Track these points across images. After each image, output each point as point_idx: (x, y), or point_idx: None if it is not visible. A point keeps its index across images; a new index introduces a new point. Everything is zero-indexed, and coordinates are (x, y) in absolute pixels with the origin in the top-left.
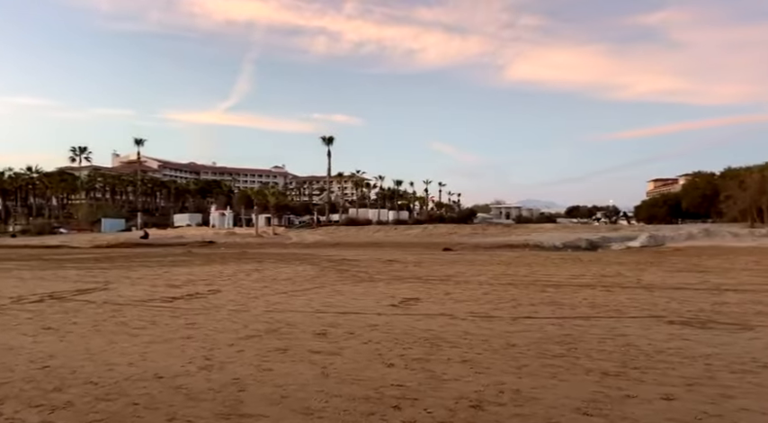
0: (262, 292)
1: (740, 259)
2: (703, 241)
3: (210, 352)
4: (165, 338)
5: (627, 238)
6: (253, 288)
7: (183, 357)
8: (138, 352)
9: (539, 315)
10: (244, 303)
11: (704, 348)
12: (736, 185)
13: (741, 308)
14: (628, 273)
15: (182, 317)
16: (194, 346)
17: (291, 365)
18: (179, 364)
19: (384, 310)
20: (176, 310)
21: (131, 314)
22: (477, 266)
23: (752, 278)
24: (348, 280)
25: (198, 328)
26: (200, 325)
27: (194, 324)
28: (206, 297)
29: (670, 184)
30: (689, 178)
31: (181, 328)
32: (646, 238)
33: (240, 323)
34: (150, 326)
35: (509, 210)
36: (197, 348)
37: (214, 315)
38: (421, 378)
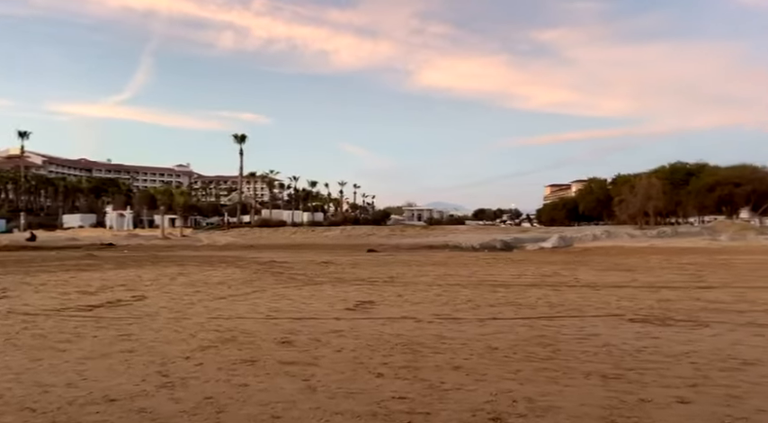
0: (197, 298)
1: (652, 258)
2: (606, 242)
3: (164, 367)
4: (102, 353)
5: (538, 240)
6: (184, 293)
7: (132, 375)
8: (73, 370)
9: (503, 316)
10: (180, 310)
11: (678, 346)
12: (628, 191)
13: (684, 305)
14: (563, 272)
15: (110, 327)
16: (141, 360)
17: (268, 379)
18: (131, 383)
19: (341, 314)
20: (101, 320)
21: (47, 326)
22: (415, 267)
23: (674, 276)
24: (288, 283)
25: (137, 340)
26: (138, 336)
27: (130, 335)
28: (132, 304)
29: (564, 189)
30: (584, 184)
31: (116, 341)
32: (556, 239)
33: (185, 332)
34: (76, 339)
35: (421, 212)
36: (145, 363)
37: (149, 324)
38: (419, 388)
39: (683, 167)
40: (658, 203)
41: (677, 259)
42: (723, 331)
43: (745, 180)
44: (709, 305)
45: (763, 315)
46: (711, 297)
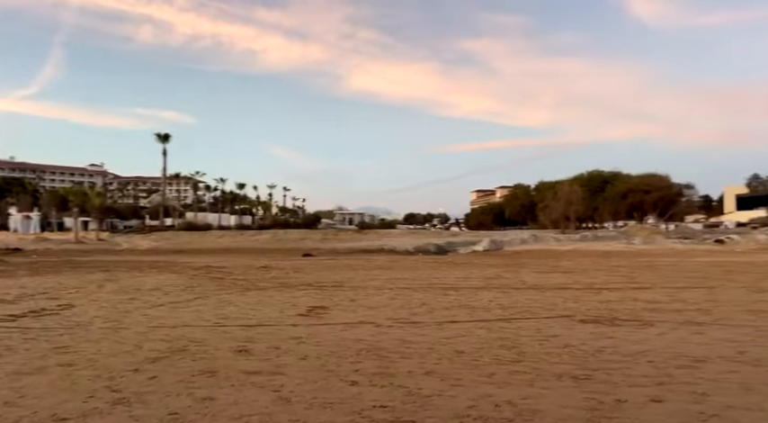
0: (132, 306)
1: (583, 261)
2: (534, 245)
3: (113, 381)
4: (36, 367)
5: (470, 243)
6: (117, 301)
7: (78, 391)
8: (8, 387)
9: (460, 319)
10: (116, 320)
11: (633, 346)
12: (551, 197)
13: (625, 305)
14: (506, 275)
15: (40, 339)
16: (85, 375)
17: (234, 391)
18: (78, 400)
19: (295, 320)
20: (27, 331)
21: None
22: (361, 271)
23: (608, 277)
24: (231, 289)
25: (75, 353)
26: (75, 348)
27: (66, 347)
28: (59, 314)
29: (489, 194)
30: (510, 190)
31: (51, 354)
32: (488, 243)
33: (128, 343)
34: (5, 352)
35: (352, 216)
36: (91, 378)
37: (84, 335)
38: (399, 396)
39: (599, 175)
40: (578, 209)
41: (606, 262)
42: (667, 330)
43: (654, 188)
44: (648, 305)
45: (698, 314)
46: (648, 297)
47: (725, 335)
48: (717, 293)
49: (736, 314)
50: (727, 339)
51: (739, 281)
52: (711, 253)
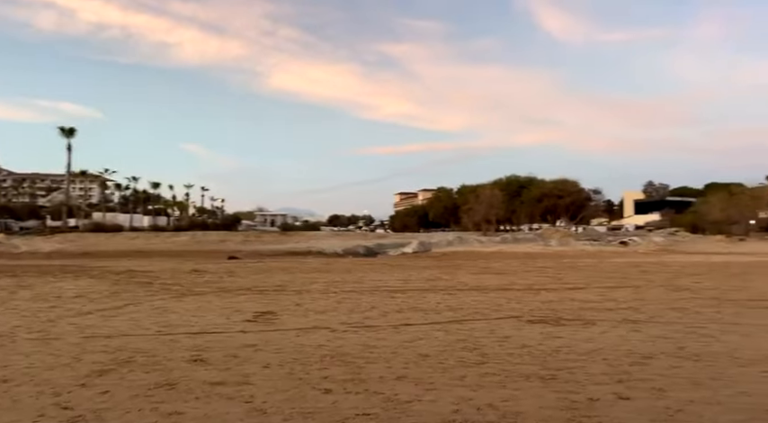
0: (55, 314)
1: (512, 262)
2: (459, 247)
3: (60, 398)
4: None
5: (399, 245)
6: (37, 310)
7: (24, 410)
8: None
9: (414, 322)
10: (42, 330)
11: (584, 344)
12: (474, 200)
13: (565, 305)
14: (444, 276)
15: None
16: (26, 391)
17: (202, 404)
18: (27, 420)
19: (244, 326)
20: None
21: None
22: (299, 274)
23: (541, 278)
24: (163, 294)
25: (6, 367)
26: (5, 362)
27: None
28: None
29: (412, 197)
30: (433, 193)
31: None
32: (416, 245)
33: (65, 355)
34: None
35: (273, 217)
36: (33, 394)
37: (12, 347)
38: (377, 402)
39: (516, 180)
40: (499, 212)
41: (532, 263)
42: (608, 328)
43: (566, 193)
44: (584, 305)
45: (631, 312)
46: (582, 297)
47: (660, 332)
48: (641, 293)
49: (664, 312)
50: (663, 336)
51: (655, 280)
52: (620, 254)
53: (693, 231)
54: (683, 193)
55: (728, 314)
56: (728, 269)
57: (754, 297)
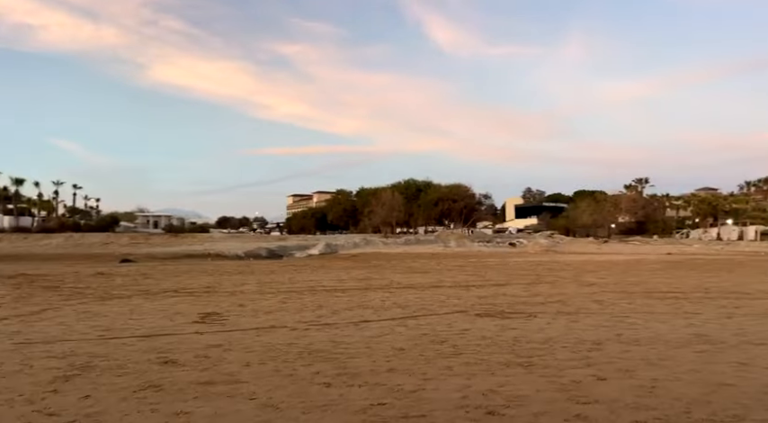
0: None
1: (429, 262)
2: (366, 249)
3: (37, 405)
4: None
5: (304, 247)
6: None
7: (4, 418)
8: None
9: (370, 319)
10: None
11: (536, 334)
12: (376, 202)
13: (499, 299)
14: (374, 276)
15: None
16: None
17: (204, 403)
18: None
19: (196, 328)
20: None
21: None
22: (224, 276)
23: (464, 276)
24: (80, 298)
25: None
26: None
27: None
28: None
29: (306, 199)
30: (332, 195)
31: None
32: (323, 247)
33: (8, 362)
34: None
35: (157, 218)
36: (3, 403)
37: None
38: (383, 393)
39: (414, 184)
40: (399, 215)
41: (447, 262)
42: (550, 320)
43: (460, 197)
44: (516, 299)
45: (560, 305)
46: (510, 292)
47: (594, 321)
48: (558, 288)
49: (587, 304)
50: (598, 325)
51: (564, 276)
52: (516, 254)
53: (566, 234)
54: (556, 200)
55: (639, 305)
56: (616, 267)
57: (651, 290)
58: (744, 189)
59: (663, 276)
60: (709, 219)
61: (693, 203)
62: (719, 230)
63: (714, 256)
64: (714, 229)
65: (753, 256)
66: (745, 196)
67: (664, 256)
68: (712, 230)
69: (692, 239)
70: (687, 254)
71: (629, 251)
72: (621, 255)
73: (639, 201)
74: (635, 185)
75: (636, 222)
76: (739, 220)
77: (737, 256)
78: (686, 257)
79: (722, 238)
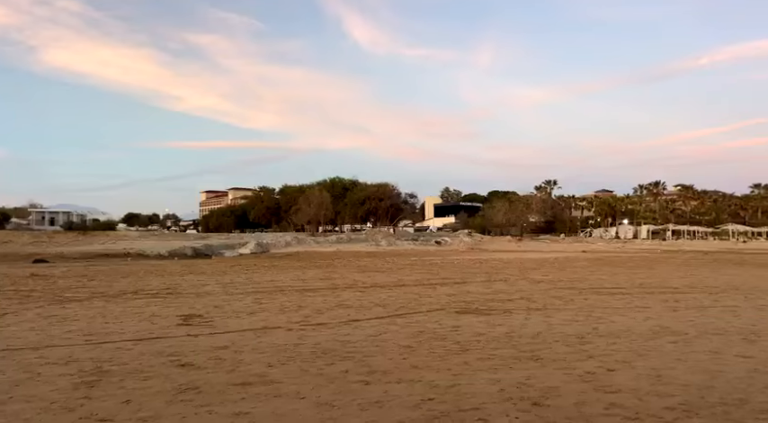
0: None
1: (377, 261)
2: (298, 247)
3: (78, 413)
4: None
5: (230, 246)
6: None
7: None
8: None
9: (360, 317)
10: None
11: (524, 330)
12: (304, 200)
13: (468, 297)
14: (334, 276)
15: None
16: (26, 409)
17: (257, 403)
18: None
19: (187, 330)
20: None
21: None
22: (175, 277)
23: (421, 275)
24: (29, 302)
25: None
26: None
27: None
28: None
29: (221, 195)
30: (255, 192)
31: None
32: (254, 246)
33: (9, 370)
34: None
35: (54, 215)
36: (40, 412)
37: None
38: (423, 389)
39: (340, 182)
40: (327, 213)
41: (395, 261)
42: (526, 316)
43: (386, 196)
44: (483, 296)
45: (526, 302)
46: (473, 290)
47: (566, 317)
48: (513, 285)
49: (549, 300)
50: (572, 320)
51: (511, 274)
52: (448, 252)
53: (482, 232)
54: (472, 199)
55: (594, 300)
56: (551, 264)
57: (595, 286)
58: (637, 192)
59: (597, 273)
60: (608, 219)
61: (596, 205)
62: (617, 229)
63: (622, 254)
64: (613, 229)
65: (653, 253)
66: (639, 198)
67: (581, 253)
68: (612, 229)
69: (594, 238)
70: (598, 252)
71: (548, 249)
72: (542, 252)
73: (548, 202)
74: (544, 187)
75: (545, 222)
76: (634, 220)
77: (642, 254)
78: (601, 255)
79: (620, 236)
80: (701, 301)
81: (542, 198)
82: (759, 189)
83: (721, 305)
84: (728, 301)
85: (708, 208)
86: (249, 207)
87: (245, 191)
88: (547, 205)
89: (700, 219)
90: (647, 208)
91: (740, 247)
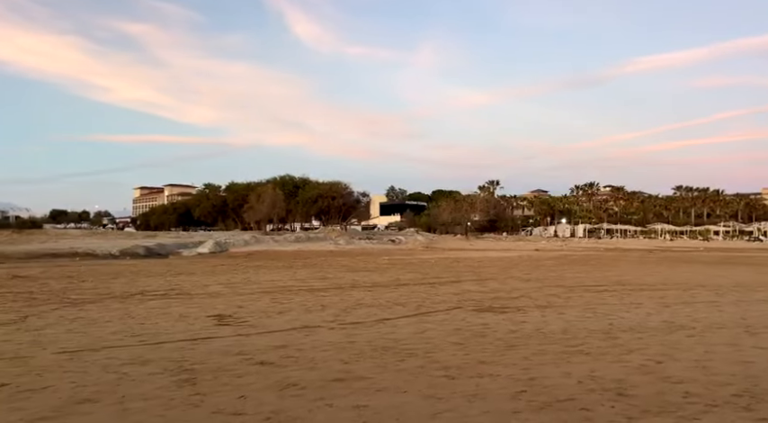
0: None
1: (354, 260)
2: (258, 247)
3: (201, 410)
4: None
5: (185, 246)
6: None
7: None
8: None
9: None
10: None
11: (551, 326)
12: (256, 198)
13: (471, 296)
14: (329, 276)
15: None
16: (141, 407)
17: (368, 396)
18: None
19: (230, 330)
20: None
21: None
22: (167, 278)
23: (414, 275)
24: (46, 303)
25: (84, 388)
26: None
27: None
28: None
29: (156, 192)
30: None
31: None
32: (212, 245)
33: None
34: None
35: None
36: (166, 406)
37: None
38: (509, 382)
39: (291, 180)
40: (281, 212)
41: (371, 260)
42: (539, 314)
43: (338, 195)
44: (486, 296)
45: (529, 300)
46: (473, 288)
47: (577, 313)
48: (506, 284)
49: (548, 298)
50: (583, 316)
51: (495, 273)
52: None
53: (429, 231)
54: (417, 198)
55: (591, 297)
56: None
57: (582, 284)
58: (573, 192)
59: (570, 272)
60: (547, 218)
61: (536, 204)
62: (556, 228)
63: (574, 253)
64: (552, 227)
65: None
66: (575, 199)
67: (534, 252)
68: (550, 228)
69: (535, 236)
70: (551, 250)
71: (501, 247)
72: (498, 251)
73: (492, 201)
74: (487, 187)
75: (488, 221)
76: (571, 219)
77: (588, 252)
78: (556, 254)
79: (558, 234)
80: (681, 297)
81: (486, 198)
82: (681, 191)
83: (701, 301)
84: (704, 296)
85: (636, 208)
86: (194, 204)
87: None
88: (490, 205)
89: (629, 218)
90: (582, 208)
91: (668, 245)
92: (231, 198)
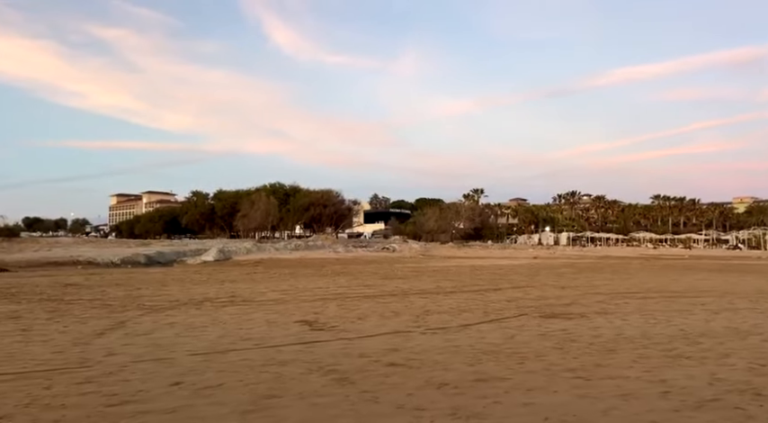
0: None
1: (368, 267)
2: (259, 255)
3: (364, 406)
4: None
5: (185, 254)
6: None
7: (383, 408)
8: None
9: (467, 322)
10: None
11: (627, 332)
12: (250, 206)
13: (529, 303)
14: (369, 282)
15: None
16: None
17: (523, 394)
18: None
19: (329, 334)
20: None
21: None
22: (207, 285)
23: (451, 282)
24: (129, 310)
25: (281, 399)
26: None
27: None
28: None
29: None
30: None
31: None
32: (216, 253)
33: (254, 373)
34: None
35: None
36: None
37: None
38: (638, 385)
39: (282, 188)
40: (274, 220)
41: (389, 268)
42: (594, 320)
43: (330, 203)
44: (538, 302)
45: (576, 307)
46: (518, 296)
47: (638, 320)
48: (543, 291)
49: (601, 305)
50: (645, 323)
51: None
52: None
53: (414, 239)
54: (401, 206)
55: (636, 304)
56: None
57: (614, 291)
58: (556, 201)
59: (595, 279)
60: (531, 226)
61: (520, 212)
62: (540, 236)
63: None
64: (535, 236)
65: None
66: (558, 207)
67: (533, 260)
68: (534, 236)
69: (520, 244)
70: (548, 258)
71: (496, 255)
72: (496, 258)
73: (477, 209)
74: (472, 195)
75: (473, 229)
76: (555, 227)
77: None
78: (559, 261)
79: (543, 242)
80: (720, 304)
81: (471, 206)
82: (659, 200)
83: (742, 308)
84: (741, 304)
85: (617, 216)
86: (181, 212)
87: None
88: (475, 213)
89: (610, 226)
90: (565, 216)
91: (653, 253)
92: (219, 206)
